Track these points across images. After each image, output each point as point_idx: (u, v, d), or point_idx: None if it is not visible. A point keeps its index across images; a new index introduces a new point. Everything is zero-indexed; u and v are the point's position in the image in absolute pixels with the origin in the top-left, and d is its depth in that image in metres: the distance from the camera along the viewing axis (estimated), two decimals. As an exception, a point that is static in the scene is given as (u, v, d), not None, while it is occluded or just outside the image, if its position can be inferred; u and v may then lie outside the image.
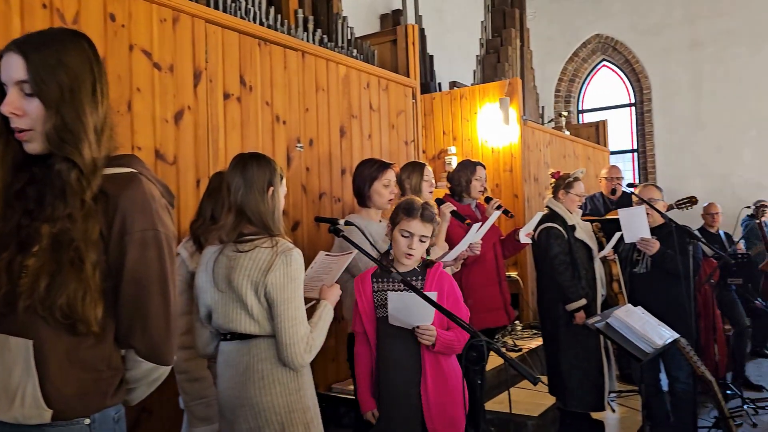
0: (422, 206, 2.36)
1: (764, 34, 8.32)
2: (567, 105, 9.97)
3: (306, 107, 3.55)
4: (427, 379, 2.27)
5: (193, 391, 2.15)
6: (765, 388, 5.43)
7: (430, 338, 2.21)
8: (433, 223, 2.37)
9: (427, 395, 2.27)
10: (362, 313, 2.37)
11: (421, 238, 2.33)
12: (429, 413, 2.26)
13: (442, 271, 2.41)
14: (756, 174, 8.26)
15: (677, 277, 3.63)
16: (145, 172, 1.34)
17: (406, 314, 2.20)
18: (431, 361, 2.29)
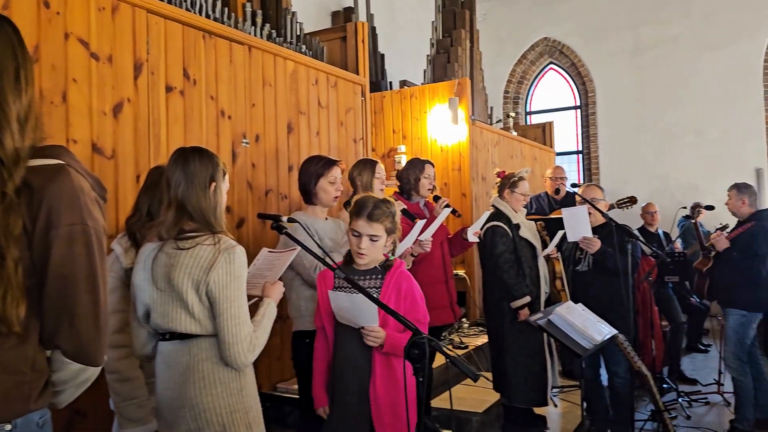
0: (373, 205, 2.29)
1: (703, 41, 8.68)
2: (515, 106, 10.16)
3: (252, 102, 3.49)
4: (376, 379, 2.25)
5: (124, 392, 2.08)
6: (699, 381, 5.66)
7: (375, 339, 2.18)
8: (383, 222, 2.28)
9: (375, 395, 2.25)
10: (322, 309, 2.34)
11: (371, 237, 2.27)
12: (377, 413, 2.25)
13: (402, 272, 2.35)
14: (693, 176, 8.61)
15: (617, 275, 3.75)
16: (73, 164, 1.28)
17: (350, 314, 2.19)
18: (382, 361, 2.26)
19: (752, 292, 4.25)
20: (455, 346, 5.06)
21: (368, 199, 2.35)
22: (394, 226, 2.35)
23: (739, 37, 8.47)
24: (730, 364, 4.35)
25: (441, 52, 7.10)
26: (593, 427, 4.17)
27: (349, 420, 2.29)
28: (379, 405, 2.24)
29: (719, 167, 8.37)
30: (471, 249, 5.07)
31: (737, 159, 8.40)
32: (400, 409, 2.26)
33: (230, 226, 3.29)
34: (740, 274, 4.27)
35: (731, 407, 4.91)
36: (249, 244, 3.36)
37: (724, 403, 5.06)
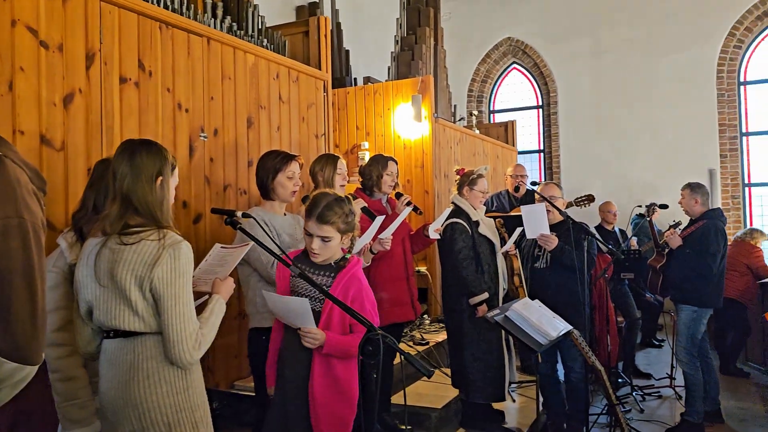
0: (324, 206, 2.26)
1: (659, 44, 8.90)
2: (479, 105, 10.25)
3: (211, 95, 3.43)
4: (314, 379, 2.25)
5: (66, 392, 2.02)
6: (653, 375, 5.81)
7: (312, 341, 2.17)
8: (335, 224, 2.25)
9: (313, 394, 2.25)
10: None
11: (323, 238, 2.25)
12: (314, 412, 2.25)
13: (354, 274, 2.32)
14: (650, 175, 8.83)
15: (574, 271, 3.81)
16: (10, 154, 1.23)
17: (284, 315, 2.18)
18: (321, 361, 2.25)
19: (703, 289, 4.37)
20: (416, 342, 5.07)
21: (321, 198, 2.31)
22: (348, 226, 2.32)
23: (694, 41, 8.71)
24: (682, 358, 4.47)
25: (405, 50, 7.10)
26: (549, 421, 4.25)
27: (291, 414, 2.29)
28: (316, 404, 2.24)
29: (674, 167, 8.60)
30: (433, 246, 5.09)
31: (691, 159, 8.64)
32: (339, 409, 2.27)
33: (187, 222, 3.24)
34: (692, 271, 4.39)
35: (682, 400, 5.05)
36: (206, 240, 3.31)
37: (675, 397, 5.21)
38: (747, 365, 6.22)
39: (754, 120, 8.72)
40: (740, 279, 5.87)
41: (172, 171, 1.97)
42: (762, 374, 6.00)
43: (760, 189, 8.68)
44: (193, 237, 3.26)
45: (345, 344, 2.21)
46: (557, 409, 4.20)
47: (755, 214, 8.67)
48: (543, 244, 3.88)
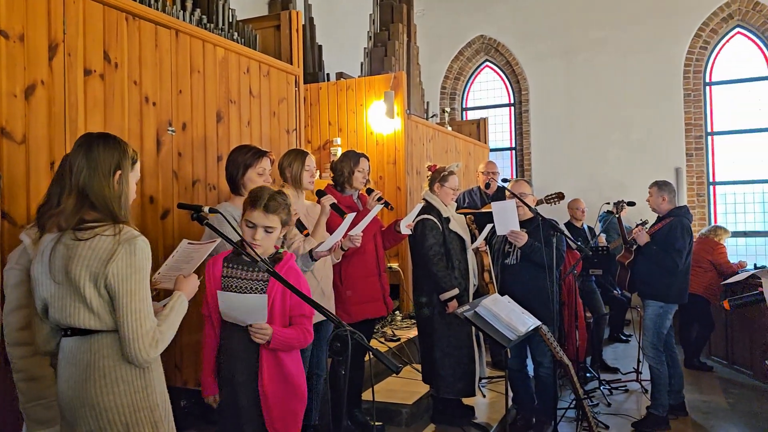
0: (269, 197, 2.31)
1: (628, 45, 9.04)
2: (452, 102, 10.29)
3: (179, 89, 3.38)
4: (263, 373, 2.26)
5: (30, 392, 1.97)
6: (620, 370, 5.92)
7: (263, 337, 2.20)
8: (279, 214, 2.31)
9: (263, 388, 2.26)
10: (209, 297, 2.33)
11: (266, 229, 2.29)
12: (266, 405, 2.26)
13: (291, 266, 2.38)
14: (618, 173, 8.97)
15: (544, 268, 3.85)
16: None
17: (238, 312, 2.17)
18: (269, 357, 2.28)
19: (669, 284, 4.47)
20: (388, 338, 5.08)
21: (263, 190, 2.37)
22: (288, 218, 2.39)
23: (662, 42, 8.87)
24: (648, 352, 4.56)
25: (378, 46, 7.09)
26: (519, 416, 4.29)
27: (240, 411, 2.29)
28: (267, 397, 2.26)
29: (642, 165, 8.76)
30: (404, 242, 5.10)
31: (659, 158, 8.81)
32: (290, 401, 2.30)
33: (154, 218, 3.19)
34: (658, 267, 4.48)
35: (648, 394, 5.15)
36: (173, 237, 3.25)
37: (642, 391, 5.32)
38: (711, 359, 6.37)
39: (718, 120, 8.92)
40: (704, 275, 6.00)
41: (133, 165, 1.92)
42: (725, 368, 6.16)
43: (724, 187, 8.89)
44: (161, 233, 3.21)
45: (289, 337, 2.27)
46: (526, 403, 4.25)
47: (719, 212, 8.88)
48: (513, 240, 3.92)
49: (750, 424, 4.60)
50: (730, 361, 6.17)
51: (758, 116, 8.73)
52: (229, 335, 2.31)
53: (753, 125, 8.74)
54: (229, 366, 2.31)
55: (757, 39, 8.69)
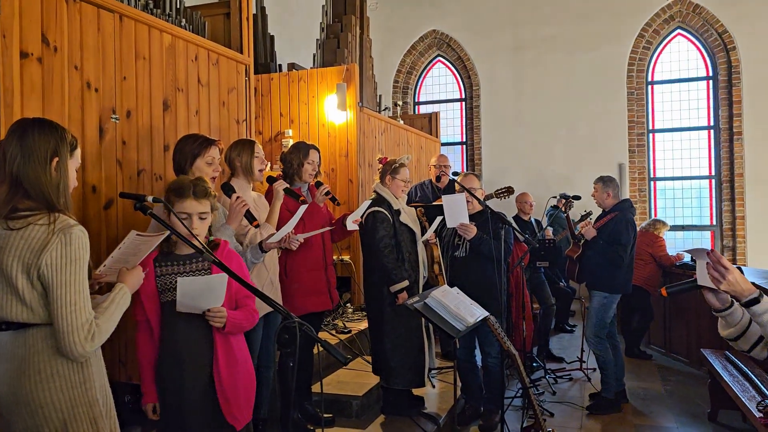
0: (192, 183, 2.30)
1: (576, 42, 9.26)
2: (404, 96, 10.32)
3: (123, 75, 3.26)
4: (219, 362, 2.24)
5: None
6: (564, 359, 6.09)
7: (221, 320, 2.19)
8: (209, 198, 2.30)
9: (220, 378, 2.24)
10: (144, 300, 2.26)
11: (200, 215, 2.27)
12: (223, 396, 2.24)
13: (229, 251, 2.38)
14: (565, 168, 9.20)
15: (492, 260, 3.92)
16: None
17: (197, 299, 2.14)
18: (223, 343, 2.26)
19: (614, 276, 4.65)
20: (339, 330, 5.08)
21: (184, 179, 2.36)
22: (215, 203, 2.39)
23: (607, 41, 9.13)
24: (591, 340, 4.73)
25: (331, 37, 7.03)
26: (467, 405, 4.37)
27: (192, 408, 2.25)
28: (224, 387, 2.25)
29: (587, 161, 9.01)
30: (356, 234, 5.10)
31: (603, 154, 9.08)
32: (244, 389, 2.31)
33: (97, 207, 3.08)
34: (604, 260, 4.66)
35: (591, 382, 5.33)
36: (118, 227, 3.15)
37: (585, 379, 5.49)
38: (650, 348, 6.63)
39: (659, 118, 9.26)
40: (645, 267, 6.23)
41: (72, 152, 1.85)
42: (663, 356, 6.42)
43: (663, 183, 9.25)
44: (104, 223, 3.10)
45: (240, 318, 2.28)
46: (475, 393, 4.33)
47: (659, 207, 9.23)
48: (462, 233, 3.97)
49: (685, 408, 4.82)
50: (667, 350, 6.43)
51: (695, 115, 9.11)
52: (175, 333, 2.26)
53: (690, 123, 9.11)
54: (176, 364, 2.26)
55: (696, 40, 9.05)
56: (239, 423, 2.29)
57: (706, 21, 8.82)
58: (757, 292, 1.82)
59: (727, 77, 8.73)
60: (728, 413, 4.45)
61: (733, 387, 4.00)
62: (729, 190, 8.73)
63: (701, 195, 9.11)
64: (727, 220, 8.76)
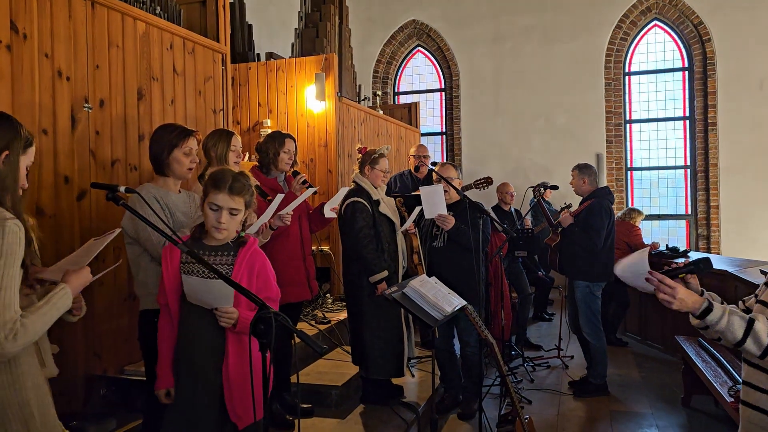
0: (232, 178, 2.24)
1: (554, 33, 9.31)
2: (384, 86, 10.29)
3: (96, 64, 3.21)
4: (229, 360, 2.20)
5: None
6: (543, 347, 6.16)
7: (229, 320, 2.13)
8: (244, 195, 2.26)
9: (228, 376, 2.20)
10: (167, 284, 2.23)
11: (231, 211, 2.22)
12: (229, 394, 2.20)
13: (256, 250, 2.32)
14: (544, 158, 9.27)
15: (470, 250, 3.94)
16: None
17: (204, 296, 2.10)
18: (234, 341, 2.21)
19: (592, 264, 4.69)
20: (318, 321, 5.07)
21: (226, 171, 2.29)
22: (251, 200, 2.32)
23: (585, 31, 9.19)
24: (586, 330, 4.78)
25: (309, 26, 6.98)
26: (446, 394, 4.40)
27: (198, 400, 2.22)
28: (231, 386, 2.20)
29: (566, 151, 9.08)
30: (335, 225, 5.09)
31: (581, 144, 9.16)
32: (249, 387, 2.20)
33: (69, 199, 3.03)
34: (580, 248, 4.69)
35: (568, 370, 5.40)
36: (91, 218, 3.11)
37: (562, 366, 5.56)
38: (626, 335, 6.73)
39: (636, 108, 9.36)
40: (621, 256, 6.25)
41: (26, 149, 1.79)
42: (639, 343, 6.52)
43: (640, 173, 9.37)
44: (77, 215, 3.06)
45: None
46: (453, 382, 4.36)
47: (636, 196, 9.35)
48: (440, 224, 3.98)
49: (660, 394, 4.90)
50: (643, 337, 6.54)
51: (671, 105, 9.22)
52: (191, 323, 2.22)
53: (667, 114, 9.23)
54: (189, 355, 2.22)
55: (672, 32, 9.14)
56: (242, 422, 2.23)
57: (682, 13, 8.91)
58: (705, 302, 1.86)
59: (702, 68, 8.84)
60: (701, 398, 4.54)
61: (706, 373, 4.08)
62: (704, 180, 8.87)
63: (677, 185, 9.24)
64: (702, 209, 8.90)
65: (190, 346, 2.23)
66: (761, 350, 1.82)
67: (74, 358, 3.02)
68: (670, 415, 4.47)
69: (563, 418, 4.41)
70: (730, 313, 1.86)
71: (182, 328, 2.25)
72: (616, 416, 4.44)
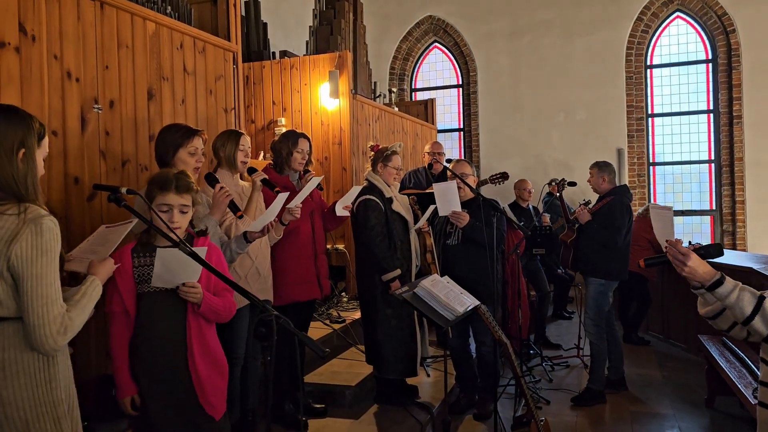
0: (175, 177, 2.30)
1: (573, 27, 9.16)
2: (400, 83, 10.23)
3: (105, 64, 3.20)
4: (194, 354, 2.24)
5: None
6: (562, 346, 6.06)
7: (195, 295, 2.18)
8: (191, 192, 2.31)
9: (196, 369, 2.24)
10: (122, 291, 2.24)
11: (181, 208, 2.28)
12: (200, 387, 2.25)
13: (210, 243, 2.40)
14: (563, 154, 9.13)
15: (485, 248, 3.87)
16: None
17: (174, 271, 2.12)
18: (197, 334, 2.26)
19: (609, 262, 4.58)
20: (333, 320, 5.05)
21: (167, 173, 2.37)
22: (197, 197, 2.39)
23: (605, 25, 9.02)
24: (589, 329, 4.67)
25: (324, 24, 6.94)
26: (462, 394, 4.34)
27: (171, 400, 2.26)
28: (200, 378, 2.24)
29: (586, 146, 8.94)
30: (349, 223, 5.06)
31: (602, 139, 9.00)
32: (218, 379, 2.32)
33: (80, 200, 3.03)
34: (599, 245, 4.59)
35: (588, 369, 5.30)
36: (102, 220, 3.11)
37: (582, 366, 5.46)
38: (648, 334, 6.60)
39: (658, 102, 9.16)
40: (642, 253, 6.17)
41: (40, 141, 1.80)
42: (661, 342, 6.39)
43: (662, 168, 9.18)
44: (88, 216, 3.06)
45: (217, 304, 2.27)
46: (469, 382, 4.30)
47: (658, 192, 9.17)
48: (454, 221, 3.92)
49: (681, 394, 4.79)
50: (665, 336, 6.40)
51: (695, 99, 9.01)
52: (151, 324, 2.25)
53: (690, 108, 9.02)
54: (152, 356, 2.25)
55: (695, 23, 8.94)
56: (217, 412, 2.29)
57: (705, 3, 8.70)
58: (718, 274, 1.83)
59: (727, 60, 8.63)
60: (725, 399, 4.42)
61: (730, 373, 3.97)
62: (729, 175, 8.66)
63: (701, 180, 9.04)
64: (727, 204, 8.69)
65: (153, 347, 2.25)
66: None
67: (86, 358, 3.02)
68: (693, 417, 4.35)
69: (582, 418, 4.33)
70: (741, 288, 1.82)
71: (142, 331, 2.27)
72: (637, 417, 4.34)
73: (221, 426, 2.35)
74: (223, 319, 2.33)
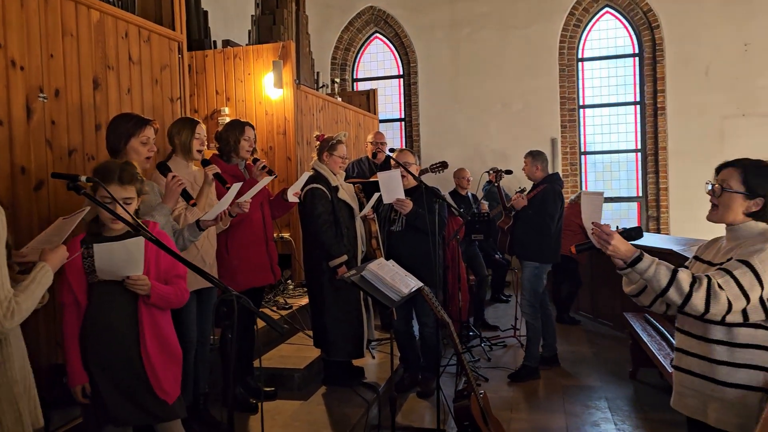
0: (119, 168, 2.30)
1: (509, 20, 9.46)
2: (342, 73, 10.31)
3: (50, 53, 3.18)
4: (146, 339, 2.28)
5: None
6: (499, 328, 6.37)
7: (143, 287, 2.22)
8: (135, 183, 2.33)
9: (147, 354, 2.28)
10: (72, 282, 2.27)
11: (125, 201, 2.29)
12: (153, 373, 2.29)
13: (158, 231, 2.43)
14: (500, 144, 9.46)
15: (427, 233, 4.07)
16: None
17: (116, 265, 2.15)
18: (148, 321, 2.30)
19: (543, 246, 4.88)
20: (280, 306, 5.15)
21: (112, 163, 2.37)
22: (142, 188, 2.40)
23: (540, 18, 9.38)
24: (525, 310, 4.97)
25: (266, 13, 6.95)
26: (406, 374, 4.55)
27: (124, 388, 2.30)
28: (153, 366, 2.29)
29: (521, 136, 9.29)
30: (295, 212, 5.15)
31: (536, 129, 9.38)
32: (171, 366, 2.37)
33: (26, 189, 3.02)
34: (533, 230, 4.87)
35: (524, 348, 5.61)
36: (49, 209, 3.11)
37: (518, 345, 5.77)
38: (578, 314, 7.01)
39: (589, 94, 9.62)
40: (573, 237, 6.54)
41: None
42: (590, 321, 6.80)
43: (593, 157, 9.66)
44: (35, 205, 3.05)
45: (167, 292, 2.31)
46: (412, 362, 4.51)
47: (590, 180, 9.65)
48: (398, 208, 4.09)
49: (608, 368, 5.16)
50: (595, 315, 6.82)
51: (622, 91, 9.52)
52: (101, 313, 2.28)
53: (618, 99, 9.52)
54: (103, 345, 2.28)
55: (623, 18, 9.41)
56: (170, 397, 2.34)
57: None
58: (638, 252, 2.04)
59: (652, 54, 9.14)
60: (647, 371, 4.79)
61: (651, 346, 4.33)
62: (653, 163, 9.20)
63: (628, 168, 9.56)
64: (652, 192, 9.25)
65: (105, 334, 2.28)
66: (682, 298, 1.96)
67: (36, 347, 3.03)
68: (619, 388, 4.71)
69: (518, 393, 4.61)
70: (658, 263, 2.02)
71: (94, 321, 2.30)
72: (568, 390, 4.66)
73: (175, 408, 2.38)
74: (175, 305, 2.38)
